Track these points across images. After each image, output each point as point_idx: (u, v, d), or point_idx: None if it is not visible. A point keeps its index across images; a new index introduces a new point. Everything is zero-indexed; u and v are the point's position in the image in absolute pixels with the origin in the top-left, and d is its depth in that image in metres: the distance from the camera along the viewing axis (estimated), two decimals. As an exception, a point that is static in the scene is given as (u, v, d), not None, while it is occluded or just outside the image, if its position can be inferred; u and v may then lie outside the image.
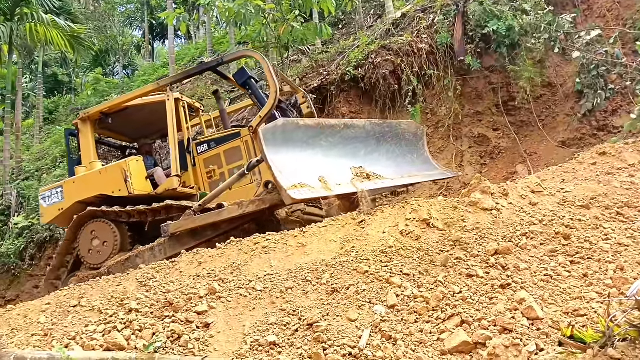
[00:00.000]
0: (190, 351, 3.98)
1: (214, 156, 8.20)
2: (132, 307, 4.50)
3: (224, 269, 5.13)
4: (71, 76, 27.91)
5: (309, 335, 3.90)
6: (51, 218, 8.52)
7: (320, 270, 4.75)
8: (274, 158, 6.01)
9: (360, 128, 7.56)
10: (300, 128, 6.76)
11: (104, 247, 7.84)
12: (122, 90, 20.59)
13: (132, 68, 30.91)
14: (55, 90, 27.91)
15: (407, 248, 4.84)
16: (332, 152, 6.92)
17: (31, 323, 4.74)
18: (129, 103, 8.57)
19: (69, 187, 8.35)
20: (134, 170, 7.97)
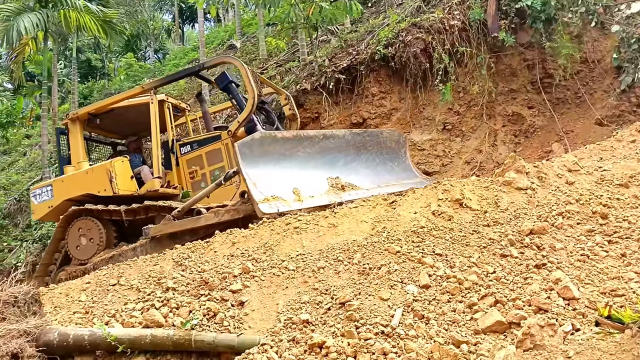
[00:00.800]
0: (225, 328, 4.07)
1: (196, 157, 8.43)
2: (169, 285, 4.63)
3: (257, 248, 5.20)
4: (104, 61, 28.40)
5: (341, 314, 3.94)
6: (41, 215, 8.82)
7: (352, 250, 4.77)
8: (249, 171, 6.22)
9: (339, 138, 7.70)
10: (278, 141, 6.97)
11: (90, 244, 8.12)
12: (154, 74, 20.84)
13: (163, 52, 31.25)
14: (89, 76, 28.45)
15: (439, 228, 4.81)
16: (309, 163, 7.05)
17: (72, 301, 4.93)
18: (115, 105, 8.86)
19: (58, 186, 8.63)
20: (119, 170, 8.21)
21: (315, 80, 11.22)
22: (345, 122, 10.86)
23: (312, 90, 11.21)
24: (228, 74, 8.31)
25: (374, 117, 10.60)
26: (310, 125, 11.31)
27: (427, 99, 10.44)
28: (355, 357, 3.45)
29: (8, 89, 30.20)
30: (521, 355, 3.14)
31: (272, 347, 3.70)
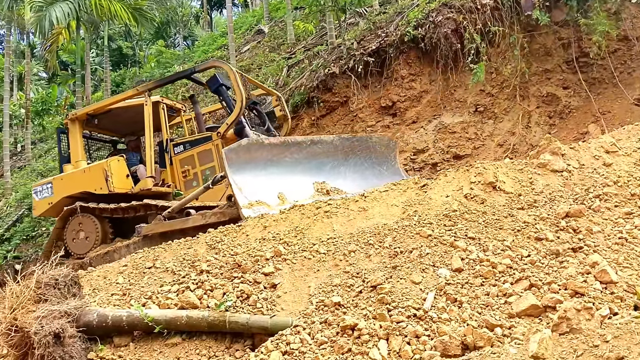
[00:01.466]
0: (259, 310, 4.13)
1: (188, 157, 8.68)
2: (203, 268, 4.71)
3: (288, 232, 5.24)
4: (135, 49, 28.82)
5: (372, 297, 3.95)
6: (42, 211, 9.19)
7: (383, 234, 4.77)
8: (235, 177, 6.38)
9: (327, 143, 7.84)
10: (265, 147, 7.13)
11: (87, 240, 8.45)
12: (183, 61, 21.03)
13: (191, 39, 31.47)
14: (121, 63, 28.93)
15: (471, 212, 4.75)
16: (296, 169, 7.17)
17: (110, 283, 5.07)
18: (112, 106, 9.18)
19: (58, 183, 8.97)
20: (115, 169, 8.51)
21: (344, 63, 11.15)
22: (375, 106, 10.78)
23: (341, 74, 11.15)
24: (219, 77, 8.47)
25: (404, 100, 10.48)
26: (339, 109, 11.28)
27: (459, 80, 10.25)
28: (387, 339, 3.46)
29: (43, 77, 31.00)
30: (557, 339, 3.10)
31: (305, 329, 3.74)
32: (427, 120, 10.30)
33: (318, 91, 11.38)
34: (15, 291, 4.14)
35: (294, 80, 12.22)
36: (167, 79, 9.97)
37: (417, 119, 10.43)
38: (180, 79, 9.85)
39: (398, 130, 10.41)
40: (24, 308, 4.01)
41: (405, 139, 10.19)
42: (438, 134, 9.89)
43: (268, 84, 12.93)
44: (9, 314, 3.98)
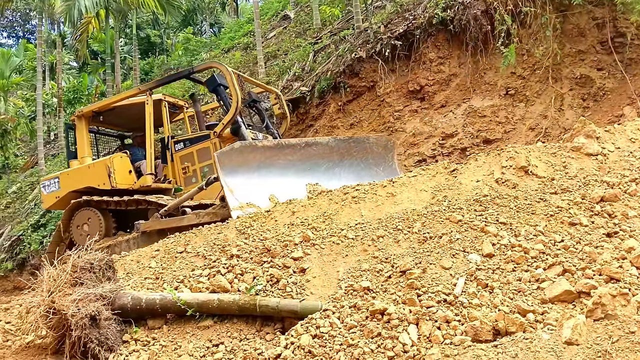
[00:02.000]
0: (288, 294, 4.17)
1: (188, 154, 8.96)
2: (233, 253, 4.77)
3: (316, 217, 5.26)
4: (162, 37, 29.04)
5: (402, 282, 3.94)
6: (50, 204, 9.63)
7: (412, 219, 4.73)
8: (227, 179, 6.57)
9: (323, 145, 7.97)
10: (258, 149, 7.31)
11: (91, 232, 8.66)
12: (210, 49, 21.12)
13: (218, 26, 31.57)
14: (149, 52, 29.22)
15: (503, 196, 4.67)
16: (289, 170, 7.29)
17: (143, 267, 5.18)
18: (116, 103, 9.48)
19: (64, 178, 9.34)
20: (117, 166, 8.80)
21: (371, 47, 11.04)
22: (402, 90, 10.66)
23: (368, 58, 11.04)
24: (217, 78, 8.61)
25: (432, 84, 10.33)
26: (365, 94, 11.19)
27: (489, 63, 10.03)
28: (417, 324, 3.45)
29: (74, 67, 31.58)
30: (591, 325, 3.04)
31: (334, 313, 3.76)
32: (456, 104, 10.14)
33: (345, 76, 11.30)
34: (52, 275, 4.27)
35: (320, 66, 12.15)
36: (167, 78, 10.25)
37: (446, 103, 10.27)
38: (179, 78, 10.15)
39: (426, 115, 10.28)
40: (61, 291, 4.14)
41: (433, 123, 10.06)
42: (467, 118, 9.73)
43: (294, 70, 12.91)
44: (47, 297, 4.11)
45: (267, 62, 15.08)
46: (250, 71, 15.48)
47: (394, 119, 10.66)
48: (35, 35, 23.97)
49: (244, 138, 8.03)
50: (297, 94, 12.03)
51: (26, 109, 22.52)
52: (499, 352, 3.04)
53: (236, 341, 3.91)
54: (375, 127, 10.90)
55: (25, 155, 20.88)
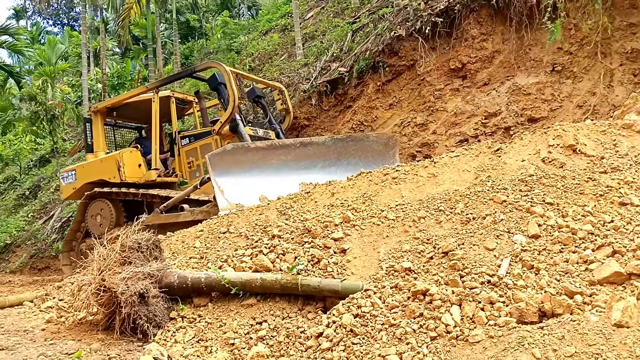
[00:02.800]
0: (329, 274, 4.20)
1: (192, 149, 9.31)
2: (274, 233, 4.83)
3: (356, 199, 5.25)
4: (201, 21, 29.32)
5: (444, 263, 3.90)
6: (68, 194, 10.22)
7: (454, 200, 4.67)
8: (218, 179, 6.74)
9: (319, 145, 8.07)
10: (250, 150, 7.46)
11: (103, 221, 9.32)
12: (248, 31, 21.16)
13: (255, 8, 31.56)
14: (188, 36, 29.56)
15: (549, 176, 4.54)
16: (283, 171, 7.36)
17: (188, 247, 5.32)
18: (127, 100, 10.01)
19: (80, 171, 9.96)
20: (127, 160, 9.25)
21: (411, 25, 10.79)
22: (443, 69, 10.41)
23: (407, 37, 10.81)
24: (218, 77, 8.87)
25: (475, 61, 10.03)
26: (405, 73, 10.99)
27: (534, 38, 9.66)
28: (460, 305, 3.42)
29: (117, 52, 32.33)
30: (644, 309, 2.94)
31: (375, 293, 3.77)
32: (499, 82, 9.84)
33: (383, 55, 11.12)
34: (102, 254, 4.44)
35: (358, 45, 11.99)
36: (171, 77, 10.81)
37: (489, 81, 9.97)
38: (183, 77, 10.66)
39: (468, 93, 10.03)
40: (111, 270, 4.30)
41: (476, 102, 9.81)
42: (512, 96, 9.42)
43: (332, 51, 12.80)
44: (98, 275, 4.28)
45: (305, 43, 15.01)
46: (288, 53, 15.47)
47: (435, 98, 10.45)
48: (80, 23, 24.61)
49: (242, 135, 8.33)
50: (334, 74, 11.94)
51: (72, 95, 23.27)
52: (545, 333, 2.98)
53: (279, 319, 3.98)
54: (415, 107, 10.72)
55: (72, 139, 21.63)
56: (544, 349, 2.87)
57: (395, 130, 10.81)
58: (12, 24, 30.26)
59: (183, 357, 3.78)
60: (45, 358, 3.66)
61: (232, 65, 16.10)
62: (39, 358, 3.65)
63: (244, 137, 8.38)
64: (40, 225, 15.85)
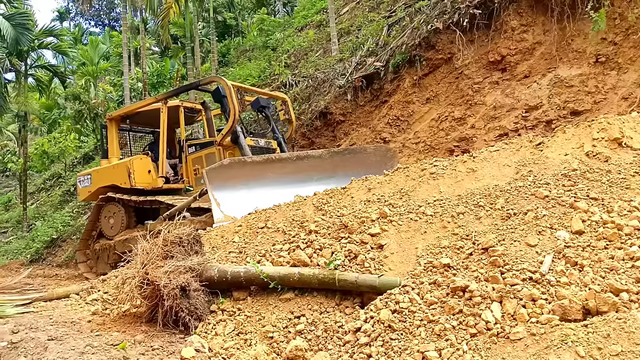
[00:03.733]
0: (366, 269, 4.21)
1: (198, 157, 9.71)
2: (311, 228, 4.86)
3: (393, 194, 5.23)
4: (238, 19, 29.61)
5: (484, 259, 3.85)
6: (84, 197, 10.88)
7: (494, 195, 4.59)
8: (215, 193, 6.96)
9: (315, 158, 8.30)
10: (247, 165, 7.76)
11: (115, 224, 9.86)
12: (283, 28, 21.28)
13: (291, 5, 31.66)
14: (225, 34, 29.90)
15: (594, 170, 4.41)
16: (279, 183, 7.51)
17: (227, 242, 5.41)
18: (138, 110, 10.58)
19: (95, 175, 10.56)
20: (137, 167, 9.72)
21: (448, 18, 10.62)
22: (481, 61, 10.22)
23: (444, 29, 10.65)
24: (222, 90, 9.19)
25: (514, 54, 9.80)
26: (442, 67, 10.85)
27: (577, 29, 9.36)
28: (500, 302, 3.37)
29: (156, 51, 33.04)
30: (696, 308, 2.83)
31: (414, 289, 3.75)
32: (540, 74, 9.58)
33: (420, 49, 10.99)
34: (145, 248, 4.56)
35: (394, 40, 11.89)
36: (178, 90, 11.33)
37: (530, 73, 9.73)
38: (189, 89, 11.26)
39: (508, 86, 9.81)
40: (154, 264, 4.41)
41: (516, 95, 9.59)
42: (553, 88, 9.16)
43: (368, 45, 12.74)
44: (141, 270, 4.40)
45: (340, 38, 14.97)
46: (323, 49, 15.47)
47: (473, 92, 10.27)
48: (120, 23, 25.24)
49: (242, 146, 8.71)
50: (370, 69, 11.89)
51: (114, 94, 23.93)
52: (589, 331, 2.91)
53: (317, 314, 4.01)
54: (452, 101, 10.57)
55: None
56: (588, 347, 2.81)
57: (432, 125, 10.70)
58: (57, 25, 31.37)
59: (223, 350, 3.86)
60: (91, 348, 3.80)
61: (269, 62, 16.25)
62: (85, 348, 3.79)
63: (244, 148, 8.76)
64: (84, 220, 16.40)
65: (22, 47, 18.51)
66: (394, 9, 13.69)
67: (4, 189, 27.83)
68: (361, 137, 11.66)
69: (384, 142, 11.13)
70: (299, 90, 13.31)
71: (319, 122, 12.19)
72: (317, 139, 12.34)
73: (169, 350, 3.86)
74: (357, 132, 11.87)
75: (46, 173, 24.23)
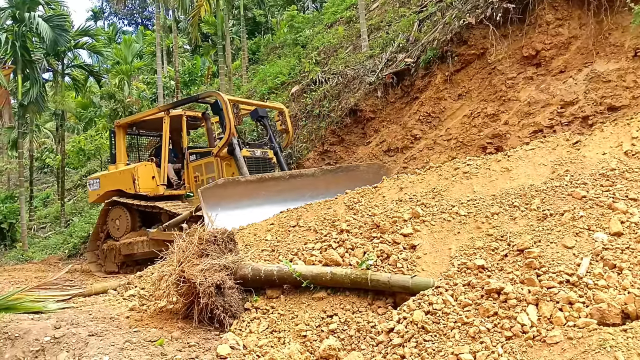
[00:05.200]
0: (399, 270, 4.21)
1: (198, 165, 10.22)
2: (342, 227, 4.89)
3: (425, 194, 5.20)
4: (267, 16, 29.77)
5: (519, 261, 3.80)
6: (93, 199, 11.53)
7: (529, 195, 4.52)
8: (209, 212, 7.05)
9: (308, 176, 8.67)
10: (240, 184, 8.09)
11: (121, 226, 10.38)
12: (313, 25, 21.29)
13: (320, 1, 31.66)
14: (255, 32, 30.12)
15: (633, 170, 4.30)
16: (271, 201, 7.73)
17: (260, 240, 5.48)
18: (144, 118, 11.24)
19: (103, 180, 11.11)
20: (141, 174, 10.20)
21: (481, 12, 10.44)
22: (515, 56, 10.03)
23: (477, 24, 10.47)
24: (220, 104, 9.67)
25: (549, 48, 9.57)
26: (475, 62, 10.68)
27: (615, 22, 9.08)
28: (536, 304, 3.33)
29: (187, 50, 33.49)
30: None
31: (447, 290, 3.74)
32: (576, 69, 9.33)
33: (452, 45, 10.84)
34: (181, 247, 4.66)
35: (425, 35, 11.76)
36: (180, 102, 11.86)
37: (565, 68, 9.49)
38: (190, 102, 11.61)
39: (543, 82, 9.60)
40: (190, 262, 4.51)
41: (551, 90, 9.37)
42: (590, 83, 8.91)
43: (398, 41, 12.64)
44: (178, 267, 4.50)
45: (370, 34, 14.89)
46: (353, 45, 15.43)
47: (507, 88, 10.08)
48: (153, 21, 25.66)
49: (237, 158, 9.14)
50: (401, 65, 11.79)
51: (148, 92, 24.39)
52: (628, 336, 2.85)
53: (349, 313, 4.04)
54: (485, 97, 10.41)
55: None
56: (627, 352, 2.75)
57: (465, 122, 10.56)
58: (91, 25, 32.13)
59: (258, 347, 3.92)
60: (130, 344, 3.91)
61: (299, 59, 16.28)
62: (124, 344, 3.91)
63: (239, 160, 9.16)
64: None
65: (60, 48, 19.02)
66: (424, 4, 13.53)
67: (43, 185, 28.75)
68: (391, 134, 11.60)
69: (414, 139, 11.06)
70: (328, 88, 13.30)
71: (349, 119, 12.16)
72: (347, 136, 12.32)
73: (205, 347, 3.95)
74: (387, 129, 11.81)
75: (83, 170, 24.91)
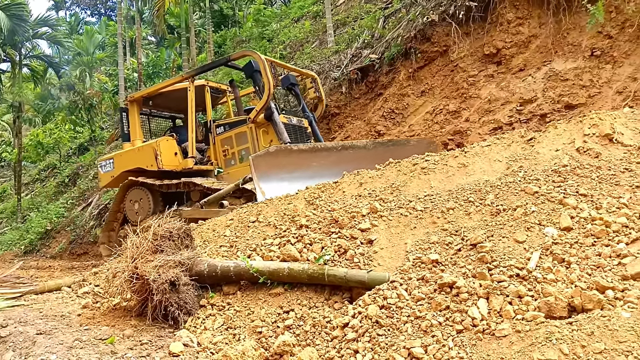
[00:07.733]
0: (356, 264, 4.21)
1: (227, 138, 9.41)
2: (302, 223, 4.86)
3: (384, 189, 5.22)
4: (234, 9, 29.44)
5: (472, 255, 3.85)
6: (106, 182, 10.54)
7: (484, 190, 4.59)
8: (260, 181, 6.89)
9: (360, 148, 8.14)
10: (292, 152, 7.57)
11: (141, 209, 9.58)
12: (280, 19, 21.18)
13: (287, -5, 31.50)
14: (222, 24, 29.74)
15: (584, 167, 4.41)
16: (323, 174, 7.31)
17: (219, 236, 5.41)
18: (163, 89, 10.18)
19: (118, 159, 10.18)
20: (164, 149, 9.39)
21: (444, 10, 10.59)
22: (477, 54, 10.20)
23: (440, 22, 10.62)
24: (254, 64, 8.85)
25: (510, 47, 9.78)
26: (438, 59, 10.82)
27: (573, 22, 9.34)
28: (487, 298, 3.38)
29: (152, 42, 32.84)
30: (679, 306, 2.84)
31: (402, 285, 3.76)
32: (535, 68, 9.57)
33: (416, 41, 10.97)
34: (135, 242, 4.55)
35: (390, 32, 11.85)
36: (207, 66, 10.83)
37: (525, 67, 9.72)
38: (219, 65, 10.69)
39: (503, 80, 9.80)
40: (143, 258, 4.41)
41: (510, 88, 9.58)
42: (548, 82, 9.15)
43: (363, 37, 12.69)
44: (131, 263, 4.39)
45: (337, 30, 14.92)
46: (319, 40, 15.41)
47: (468, 85, 10.26)
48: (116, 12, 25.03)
49: (276, 123, 8.46)
50: (366, 62, 11.85)
51: (109, 84, 23.80)
52: (573, 329, 2.92)
53: (305, 309, 4.02)
54: (447, 94, 10.55)
55: (110, 128, 22.18)
56: (572, 344, 2.82)
57: (427, 118, 10.68)
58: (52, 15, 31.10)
59: (212, 344, 3.87)
60: (79, 343, 3.80)
61: (264, 53, 16.15)
62: (74, 343, 3.79)
63: (278, 125, 8.46)
64: (79, 212, 16.40)
65: (18, 38, 18.37)
66: (390, 1, 13.62)
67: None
68: (356, 129, 11.65)
69: (378, 135, 11.13)
70: (294, 82, 13.24)
71: (314, 114, 12.15)
72: (312, 131, 12.30)
73: (157, 344, 3.87)
74: (351, 124, 11.86)
75: (41, 164, 24.18)
